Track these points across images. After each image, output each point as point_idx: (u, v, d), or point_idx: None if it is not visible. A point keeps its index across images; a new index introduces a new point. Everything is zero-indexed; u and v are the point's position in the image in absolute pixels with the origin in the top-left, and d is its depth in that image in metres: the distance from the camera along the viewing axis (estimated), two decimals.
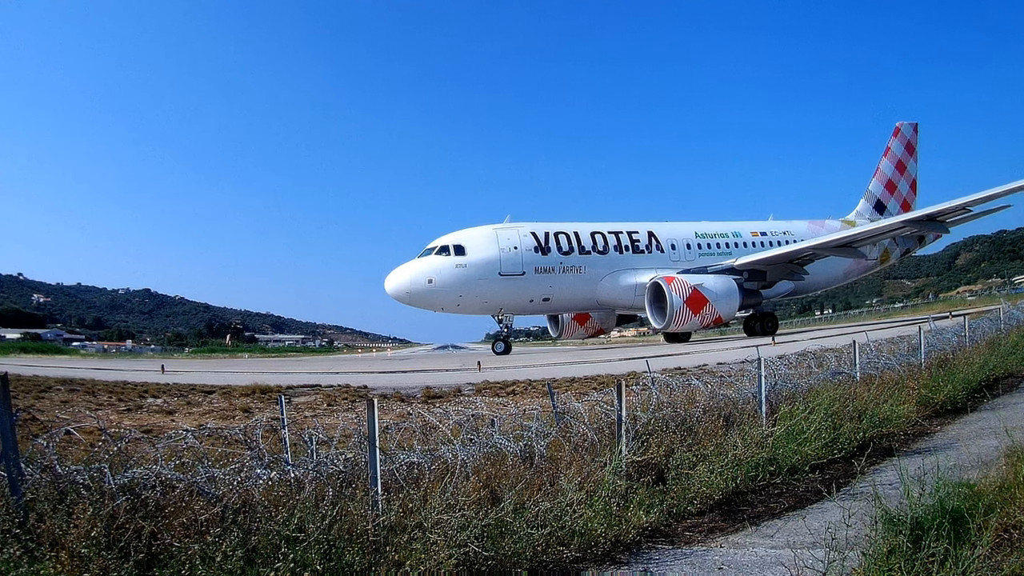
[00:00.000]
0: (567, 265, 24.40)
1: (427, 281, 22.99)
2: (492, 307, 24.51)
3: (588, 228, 25.91)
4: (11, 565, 3.12)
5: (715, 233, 28.89)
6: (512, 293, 23.90)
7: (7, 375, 3.74)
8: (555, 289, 24.60)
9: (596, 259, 25.21)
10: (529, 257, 23.74)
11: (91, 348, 67.79)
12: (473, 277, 23.09)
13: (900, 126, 34.69)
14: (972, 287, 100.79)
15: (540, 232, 24.59)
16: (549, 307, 25.82)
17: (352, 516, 3.70)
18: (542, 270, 23.92)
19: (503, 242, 23.69)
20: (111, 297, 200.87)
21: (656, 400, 6.50)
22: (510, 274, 23.35)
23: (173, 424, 9.14)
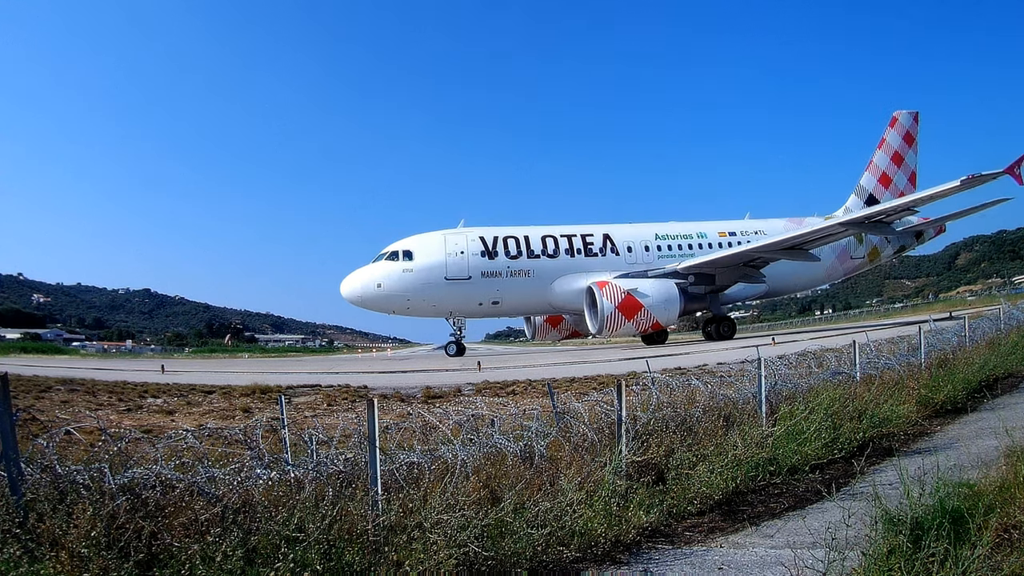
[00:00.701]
0: (514, 269, 24.73)
1: (376, 286, 23.93)
2: (441, 310, 25.21)
3: (540, 232, 26.08)
4: (11, 565, 3.12)
5: (677, 234, 27.95)
6: (459, 297, 24.46)
7: (7, 375, 3.74)
8: (503, 293, 24.99)
9: (545, 263, 25.30)
10: (476, 262, 24.25)
11: (91, 348, 67.83)
12: (420, 282, 23.84)
13: (898, 116, 32.49)
14: (972, 287, 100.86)
15: (489, 237, 25.02)
16: (500, 310, 26.21)
17: (352, 516, 3.70)
18: (489, 274, 24.37)
19: (450, 247, 24.32)
20: (111, 297, 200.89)
21: (656, 400, 6.49)
22: (456, 278, 23.95)
23: (173, 424, 9.14)
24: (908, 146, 32.19)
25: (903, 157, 32.09)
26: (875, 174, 32.48)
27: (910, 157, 32.26)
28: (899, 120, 32.23)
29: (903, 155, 32.12)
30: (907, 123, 32.15)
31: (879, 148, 32.47)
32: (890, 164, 32.13)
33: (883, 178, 32.20)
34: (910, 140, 32.27)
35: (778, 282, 28.71)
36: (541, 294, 25.51)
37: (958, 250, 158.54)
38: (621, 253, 26.39)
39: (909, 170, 32.16)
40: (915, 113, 32.68)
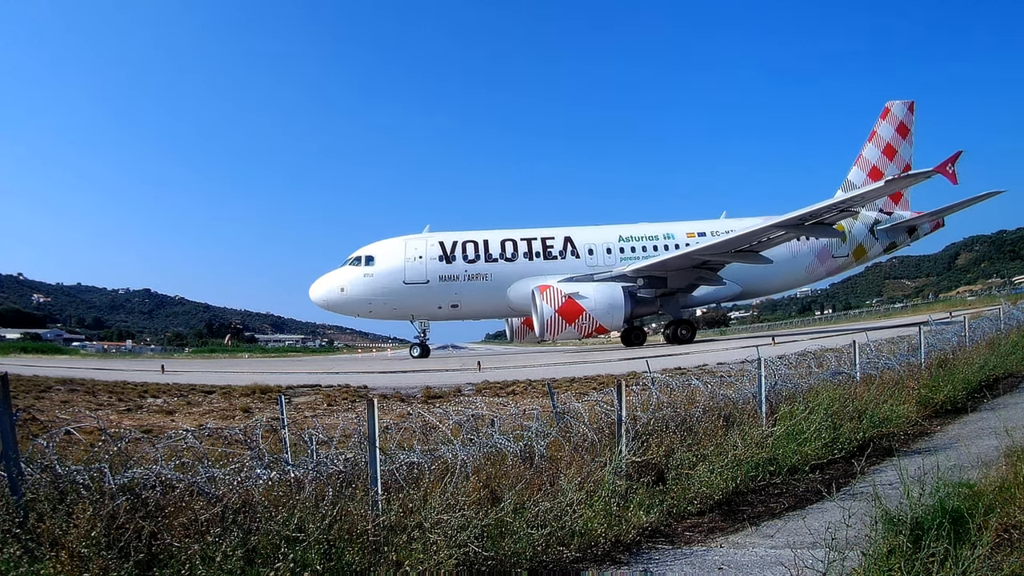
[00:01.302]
0: (472, 273, 25.15)
1: (340, 290, 25.00)
2: (402, 314, 26.03)
3: (500, 235, 26.31)
4: (11, 565, 3.12)
5: (643, 236, 27.36)
6: (418, 301, 25.15)
7: (7, 375, 3.74)
8: (461, 296, 25.41)
9: (503, 267, 25.49)
10: (434, 266, 24.85)
11: (91, 348, 67.80)
12: (380, 286, 24.74)
13: (890, 106, 30.66)
14: (972, 287, 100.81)
15: (448, 241, 25.59)
16: (460, 314, 26.62)
17: (352, 516, 3.70)
18: (447, 278, 24.90)
19: (409, 252, 25.08)
20: (111, 297, 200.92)
21: (656, 400, 6.50)
22: (414, 282, 24.69)
23: (173, 424, 9.14)
24: (902, 138, 30.43)
25: (896, 149, 30.35)
26: (864, 168, 30.93)
27: (904, 149, 30.46)
28: (892, 111, 30.61)
29: (896, 147, 30.37)
30: (901, 114, 30.48)
31: (869, 141, 30.94)
32: (881, 157, 30.49)
33: (873, 172, 30.47)
34: (904, 131, 30.50)
35: (753, 283, 27.77)
36: (499, 297, 25.76)
37: (958, 250, 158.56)
38: (582, 256, 26.27)
39: (903, 163, 30.34)
40: (910, 103, 30.99)
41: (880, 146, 30.61)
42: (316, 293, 25.66)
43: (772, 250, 26.65)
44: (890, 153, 30.33)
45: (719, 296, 28.00)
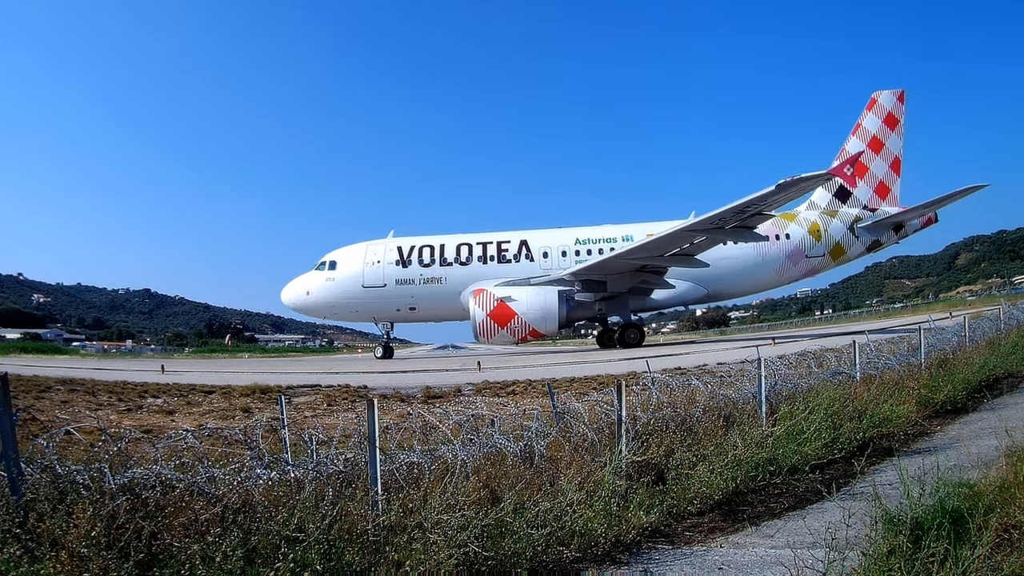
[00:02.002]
0: (427, 277, 25.95)
1: (306, 293, 26.50)
2: (363, 316, 27.37)
3: (457, 240, 26.94)
4: (11, 565, 3.12)
5: (600, 238, 27.22)
6: (377, 304, 26.20)
7: (7, 375, 3.74)
8: (417, 300, 26.25)
9: (457, 270, 26.05)
10: (390, 270, 25.83)
11: (91, 348, 67.81)
12: (341, 290, 25.95)
13: (877, 97, 29.15)
14: (972, 287, 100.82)
15: (405, 246, 26.49)
16: (417, 316, 27.38)
17: (352, 516, 3.70)
18: (403, 282, 25.83)
19: (368, 257, 26.17)
20: (111, 297, 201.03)
21: (656, 400, 6.50)
22: (372, 286, 25.70)
23: (173, 424, 9.14)
24: (890, 129, 28.77)
25: (883, 142, 28.68)
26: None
27: (892, 142, 28.77)
28: (878, 102, 29.12)
29: (883, 140, 28.69)
30: (889, 104, 28.94)
31: (853, 134, 29.28)
32: (866, 151, 28.88)
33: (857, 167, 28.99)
34: (892, 122, 28.83)
35: (719, 285, 27.22)
36: (454, 300, 26.19)
37: (958, 250, 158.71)
38: (536, 259, 26.46)
39: (891, 156, 28.80)
40: (900, 92, 29.33)
41: (865, 139, 29.01)
42: (286, 296, 27.21)
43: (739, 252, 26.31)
44: (876, 146, 28.76)
45: (682, 299, 27.27)
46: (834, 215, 28.11)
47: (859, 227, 27.81)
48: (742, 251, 26.58)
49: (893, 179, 28.76)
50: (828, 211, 28.49)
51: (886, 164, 28.89)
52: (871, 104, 29.18)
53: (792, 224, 27.76)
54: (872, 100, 29.20)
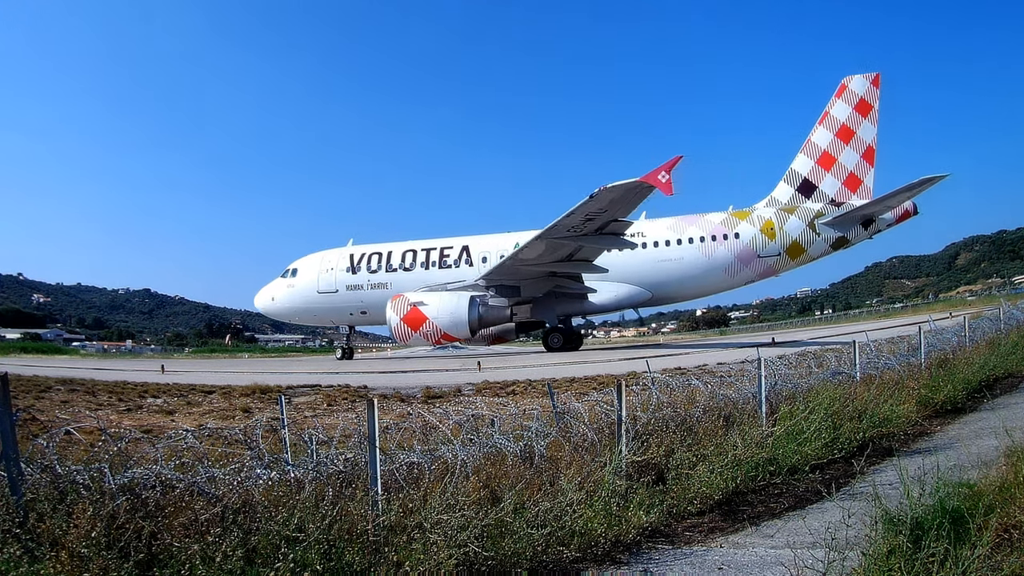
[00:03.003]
0: (374, 282, 27.22)
1: (271, 299, 28.46)
2: (321, 320, 29.26)
3: (403, 247, 28.08)
4: (11, 565, 3.12)
5: None
6: (330, 308, 27.68)
7: (7, 375, 3.74)
8: (366, 304, 27.49)
9: (401, 276, 27.12)
10: (342, 277, 27.36)
11: (91, 348, 67.80)
12: (299, 295, 27.77)
13: (847, 82, 27.19)
14: (972, 287, 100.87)
15: (356, 254, 27.98)
16: (368, 319, 28.61)
17: (352, 516, 3.70)
18: (353, 287, 27.21)
19: (323, 264, 27.76)
20: (111, 297, 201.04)
21: (656, 400, 6.50)
22: (326, 292, 27.31)
23: (173, 424, 9.14)
24: (862, 116, 26.72)
25: (854, 131, 26.69)
26: (812, 154, 27.41)
27: (865, 129, 26.67)
28: (849, 87, 27.15)
29: (854, 128, 26.71)
30: (861, 89, 26.93)
31: (820, 123, 27.36)
32: (834, 141, 26.98)
33: (824, 158, 27.15)
34: (865, 109, 26.76)
35: (664, 288, 26.57)
36: None
37: (958, 250, 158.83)
38: (475, 264, 26.95)
39: (863, 145, 26.64)
40: (874, 76, 27.19)
41: (833, 128, 27.09)
42: (257, 301, 29.37)
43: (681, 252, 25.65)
44: (846, 135, 26.82)
45: (624, 302, 26.65)
46: (792, 211, 26.65)
47: (820, 223, 26.08)
48: (685, 252, 25.95)
49: (865, 170, 26.72)
50: (786, 207, 26.97)
51: (857, 154, 26.83)
52: (841, 90, 27.33)
53: (743, 223, 26.55)
54: (842, 86, 27.34)
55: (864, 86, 27.05)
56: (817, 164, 27.13)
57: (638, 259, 26.20)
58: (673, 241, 26.41)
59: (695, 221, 27.03)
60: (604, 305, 26.69)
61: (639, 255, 26.17)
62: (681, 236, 26.53)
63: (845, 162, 26.76)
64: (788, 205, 26.93)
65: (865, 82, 27.07)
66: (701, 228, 26.57)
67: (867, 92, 26.95)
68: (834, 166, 26.88)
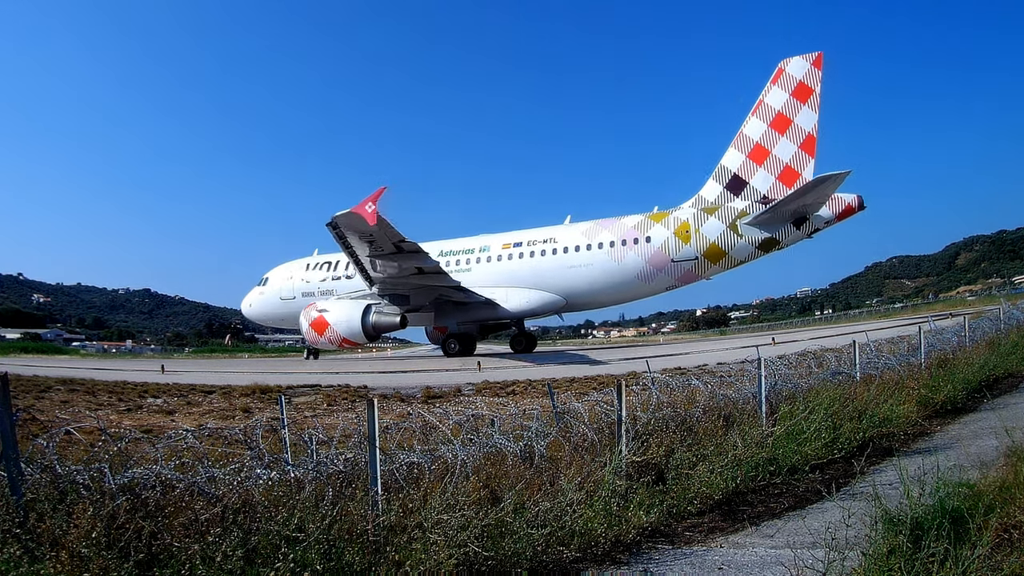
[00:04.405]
0: (323, 289, 29.44)
1: (248, 305, 31.74)
2: (287, 323, 31.12)
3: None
4: (11, 565, 3.12)
5: (461, 249, 28.24)
6: (291, 313, 29.30)
7: (7, 375, 3.74)
8: None
9: (344, 283, 29.05)
10: (299, 285, 29.96)
11: (91, 348, 67.79)
12: (267, 302, 30.80)
13: (784, 66, 24.62)
14: (972, 287, 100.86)
15: (312, 263, 30.49)
16: None
17: (352, 516, 3.70)
18: (307, 294, 29.46)
19: (286, 273, 30.52)
20: (111, 297, 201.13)
21: (656, 400, 6.50)
22: (287, 298, 29.87)
23: (173, 424, 9.14)
24: (800, 102, 24.17)
25: (791, 119, 24.12)
26: (743, 148, 24.92)
27: (804, 117, 24.06)
28: (786, 71, 24.64)
29: (791, 116, 24.14)
30: (800, 72, 24.43)
31: (752, 113, 24.91)
32: (768, 132, 24.45)
33: (756, 152, 24.60)
34: (804, 94, 24.19)
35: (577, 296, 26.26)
36: None
37: (958, 250, 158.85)
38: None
39: (802, 134, 24.02)
40: (816, 56, 24.51)
41: (767, 118, 24.52)
42: (242, 307, 32.48)
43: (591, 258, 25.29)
44: (782, 125, 24.29)
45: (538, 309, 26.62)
46: (713, 212, 24.73)
47: (743, 224, 23.96)
48: (595, 257, 25.51)
49: (804, 162, 24.01)
50: (708, 207, 25.08)
51: (794, 144, 24.08)
52: (777, 76, 24.82)
53: (658, 226, 25.30)
54: (778, 71, 24.81)
55: (804, 68, 24.49)
56: (748, 158, 24.79)
57: (548, 265, 26.18)
58: (583, 247, 25.91)
59: (609, 225, 26.30)
60: (516, 312, 26.91)
61: (549, 261, 26.23)
62: (592, 241, 25.95)
63: (780, 154, 24.33)
64: (712, 205, 25.11)
65: (805, 64, 24.54)
66: (613, 232, 25.70)
67: (807, 75, 24.35)
68: (767, 159, 24.51)
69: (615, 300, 27.85)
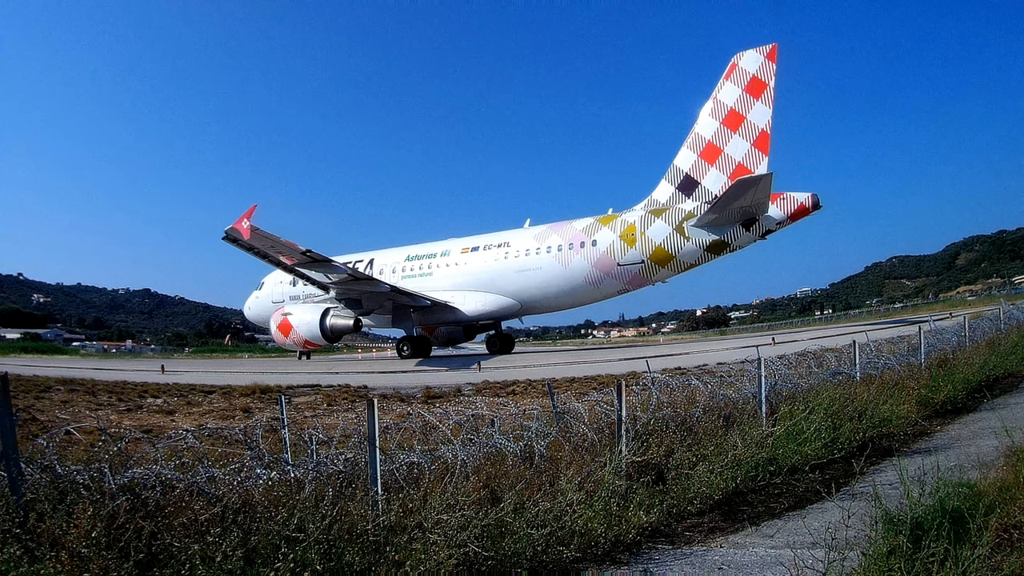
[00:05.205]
0: (307, 294, 30.44)
1: (248, 308, 33.51)
2: None
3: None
4: (11, 565, 3.12)
5: (425, 254, 29.46)
6: None
7: (7, 375, 3.75)
8: None
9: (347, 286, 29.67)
10: (287, 289, 31.29)
11: (91, 348, 67.81)
12: (261, 305, 32.20)
13: (738, 60, 23.51)
14: (972, 287, 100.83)
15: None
16: None
17: (352, 516, 3.70)
18: (294, 298, 30.81)
19: (277, 278, 31.60)
20: (111, 297, 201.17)
21: (656, 400, 6.50)
22: (277, 302, 31.06)
23: (173, 424, 9.15)
24: (754, 98, 23.04)
25: (744, 115, 23.07)
26: (695, 147, 24.02)
27: (757, 113, 22.91)
28: (739, 65, 23.51)
29: (744, 112, 23.08)
30: (753, 67, 23.29)
31: (705, 111, 24.06)
32: (720, 130, 23.44)
33: (708, 151, 23.66)
34: (758, 89, 23.02)
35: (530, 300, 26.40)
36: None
37: (958, 250, 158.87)
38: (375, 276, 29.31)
39: (755, 131, 22.86)
40: (770, 48, 23.37)
41: (720, 115, 23.53)
42: (244, 309, 34.00)
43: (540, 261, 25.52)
44: (734, 122, 23.27)
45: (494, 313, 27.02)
46: (660, 214, 23.94)
47: (690, 226, 23.03)
48: (543, 261, 25.58)
49: (757, 160, 22.80)
50: (657, 209, 24.32)
51: (747, 142, 22.91)
52: (730, 71, 23.77)
53: (604, 229, 24.79)
54: (732, 65, 23.76)
55: (757, 62, 23.25)
56: (700, 158, 23.87)
57: (501, 269, 26.53)
58: (533, 251, 26.05)
59: (560, 229, 26.25)
60: (473, 315, 27.29)
61: (503, 265, 26.52)
62: (541, 245, 26.00)
63: (732, 152, 23.22)
64: (662, 207, 24.38)
65: (759, 57, 23.29)
66: (562, 236, 25.66)
67: (760, 68, 23.17)
68: (719, 158, 23.50)
69: (566, 304, 27.52)
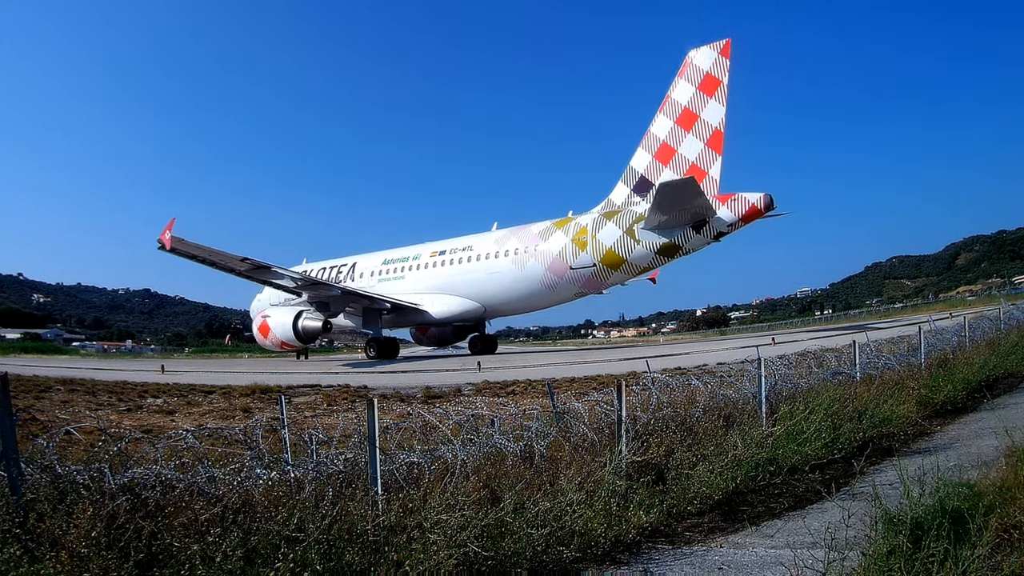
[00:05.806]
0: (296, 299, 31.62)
1: (252, 309, 34.87)
2: None
3: (318, 265, 33.64)
4: (11, 565, 3.12)
5: (399, 258, 30.37)
6: None
7: (7, 375, 3.74)
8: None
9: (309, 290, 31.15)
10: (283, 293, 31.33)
11: (91, 348, 67.86)
12: (262, 307, 32.97)
13: (692, 57, 22.99)
14: (972, 287, 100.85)
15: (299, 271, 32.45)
16: None
17: (352, 516, 3.70)
18: (288, 300, 31.39)
19: None
20: (111, 297, 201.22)
21: (656, 400, 6.50)
22: (276, 304, 32.09)
23: (173, 424, 9.15)
24: (707, 95, 22.45)
25: (697, 114, 22.53)
26: (650, 148, 23.50)
27: (711, 111, 22.35)
28: (693, 63, 22.95)
29: (697, 111, 22.53)
30: (706, 63, 22.64)
31: (660, 111, 23.36)
32: (675, 129, 22.86)
33: (662, 151, 23.10)
34: (712, 86, 22.41)
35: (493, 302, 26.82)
36: None
37: (958, 250, 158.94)
38: (355, 280, 30.89)
39: (708, 129, 22.31)
40: (723, 44, 22.63)
41: (674, 115, 22.95)
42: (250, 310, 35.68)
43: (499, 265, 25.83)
44: (687, 121, 22.68)
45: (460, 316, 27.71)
46: (612, 216, 23.60)
47: (640, 229, 22.68)
48: (502, 264, 25.90)
49: (711, 159, 22.27)
50: (609, 212, 24.00)
51: (701, 141, 22.36)
52: (683, 68, 23.21)
53: (558, 232, 24.72)
54: (685, 62, 23.22)
55: (711, 58, 22.59)
56: (655, 159, 23.41)
57: (464, 272, 27.27)
58: (494, 254, 26.60)
59: (519, 232, 26.40)
60: (441, 318, 28.07)
61: (467, 268, 27.20)
62: (501, 249, 26.32)
63: (686, 152, 22.70)
64: (616, 209, 24.06)
65: (712, 53, 22.63)
66: (520, 240, 25.93)
67: (714, 65, 22.53)
68: (673, 158, 22.96)
69: (526, 307, 27.64)
